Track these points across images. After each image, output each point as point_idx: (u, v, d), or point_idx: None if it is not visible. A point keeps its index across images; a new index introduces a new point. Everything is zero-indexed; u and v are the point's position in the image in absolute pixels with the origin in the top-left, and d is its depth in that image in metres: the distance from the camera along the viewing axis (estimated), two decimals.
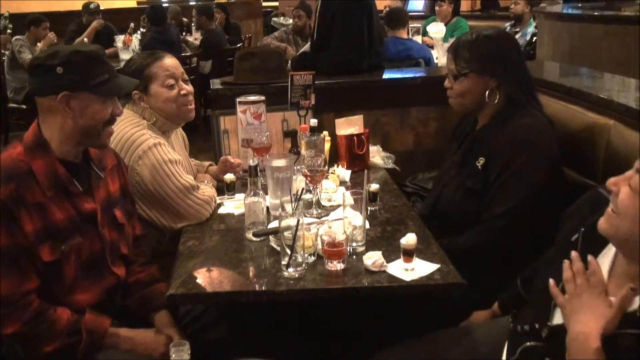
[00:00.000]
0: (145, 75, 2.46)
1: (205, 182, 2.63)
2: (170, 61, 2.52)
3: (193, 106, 2.58)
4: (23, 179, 1.85)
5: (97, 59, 1.95)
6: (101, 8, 8.80)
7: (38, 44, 7.04)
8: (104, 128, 1.97)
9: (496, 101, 2.34)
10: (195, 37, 8.43)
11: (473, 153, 2.35)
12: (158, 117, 2.49)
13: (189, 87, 2.55)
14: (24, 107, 6.77)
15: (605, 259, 1.54)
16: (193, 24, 8.69)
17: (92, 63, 1.92)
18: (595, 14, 5.55)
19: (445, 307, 2.08)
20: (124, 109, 2.42)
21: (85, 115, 1.92)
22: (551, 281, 1.52)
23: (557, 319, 1.56)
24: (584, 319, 1.42)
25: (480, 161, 2.30)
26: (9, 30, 7.32)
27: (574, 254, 1.50)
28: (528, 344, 1.62)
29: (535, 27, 6.56)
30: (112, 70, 2.00)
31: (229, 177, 2.60)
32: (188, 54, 7.30)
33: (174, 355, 1.31)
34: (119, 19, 8.74)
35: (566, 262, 1.50)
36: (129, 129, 2.37)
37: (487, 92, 2.33)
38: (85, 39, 7.40)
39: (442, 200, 2.44)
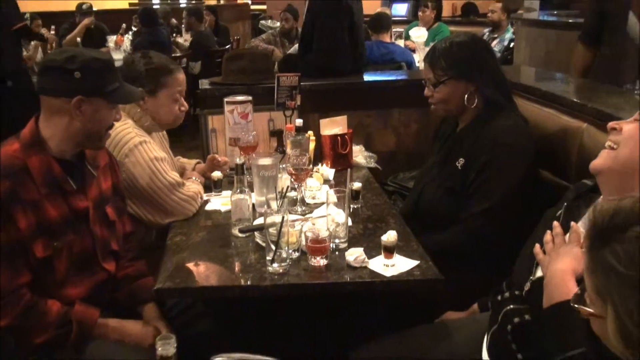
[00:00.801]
0: (161, 80, 2.44)
1: (193, 178, 2.61)
2: (183, 77, 2.53)
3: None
4: (19, 176, 1.84)
5: (112, 67, 1.97)
6: (94, 9, 8.72)
7: (32, 42, 6.94)
8: (106, 132, 2.00)
9: (475, 104, 2.34)
10: (185, 39, 8.40)
11: (453, 154, 2.35)
12: (149, 119, 2.47)
13: (186, 104, 2.56)
14: None
15: (583, 225, 1.61)
16: (183, 26, 8.65)
17: (107, 71, 1.94)
18: (570, 21, 5.58)
19: (424, 303, 2.08)
20: None
21: (94, 119, 1.93)
22: (537, 245, 1.61)
23: (539, 274, 1.62)
24: (560, 262, 1.49)
25: (460, 162, 2.30)
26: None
27: (555, 222, 1.60)
28: (509, 307, 1.66)
29: (513, 33, 6.59)
30: (121, 78, 2.02)
31: (216, 174, 2.59)
32: (178, 54, 7.27)
33: (160, 349, 1.30)
34: (111, 20, 8.66)
35: (548, 231, 1.59)
36: (116, 126, 2.35)
37: (466, 96, 2.33)
38: (78, 39, 7.33)
39: (423, 199, 2.44)
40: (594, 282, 0.96)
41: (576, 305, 1.03)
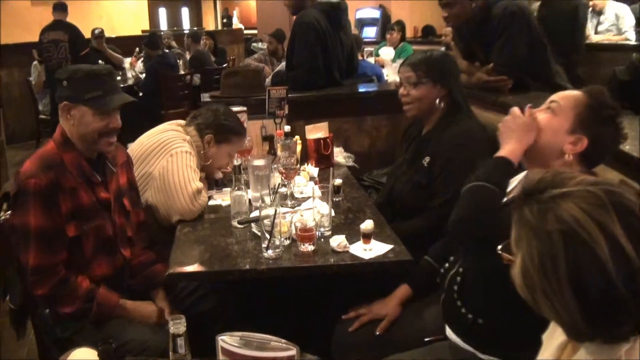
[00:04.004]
0: (229, 136, 2.44)
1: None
2: (244, 142, 2.56)
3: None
4: (59, 168, 1.85)
5: (95, 77, 1.89)
6: (114, 36, 8.68)
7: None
8: (99, 138, 1.90)
9: (441, 107, 2.31)
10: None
11: (420, 153, 2.31)
12: (200, 160, 2.42)
13: (231, 167, 2.47)
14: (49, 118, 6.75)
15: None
16: (185, 48, 8.66)
17: (88, 80, 1.87)
18: None
19: (397, 281, 2.04)
20: (191, 128, 2.43)
21: (82, 124, 1.88)
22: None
23: None
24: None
25: (426, 160, 2.26)
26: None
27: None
28: (451, 273, 1.70)
29: None
30: (109, 88, 1.91)
31: (218, 174, 2.54)
32: (182, 73, 7.24)
33: (172, 328, 1.25)
34: (127, 44, 8.62)
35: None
36: (175, 134, 2.38)
37: (438, 100, 2.29)
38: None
39: (395, 191, 2.40)
40: (515, 233, 0.99)
41: (500, 252, 1.05)
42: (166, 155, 2.26)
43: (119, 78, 6.79)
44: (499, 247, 1.05)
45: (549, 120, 1.56)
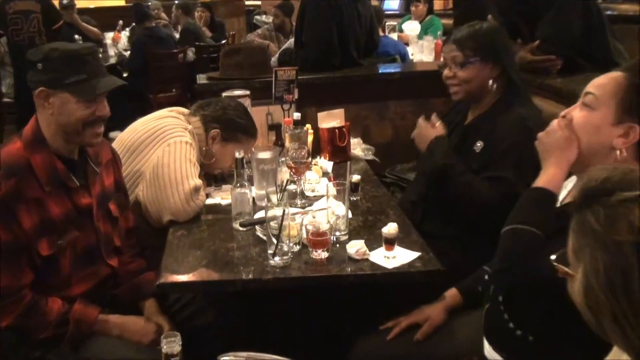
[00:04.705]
0: (237, 135, 2.45)
1: None
2: (254, 143, 2.54)
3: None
4: (23, 174, 1.80)
5: (76, 58, 1.83)
6: (92, 6, 8.66)
7: None
8: (84, 128, 1.86)
9: (495, 90, 2.28)
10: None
11: (469, 140, 2.28)
12: (201, 156, 2.42)
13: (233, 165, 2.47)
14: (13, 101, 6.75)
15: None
16: (173, 20, 8.64)
17: (68, 61, 1.82)
18: None
19: (425, 294, 2.03)
20: (195, 119, 2.42)
21: (63, 113, 1.83)
22: None
23: None
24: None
25: (478, 145, 2.23)
26: None
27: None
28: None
29: None
30: (94, 70, 1.86)
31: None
32: (176, 50, 7.23)
33: (165, 347, 1.25)
34: (109, 17, 8.63)
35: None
36: (175, 122, 2.37)
37: (490, 81, 2.26)
38: None
39: (434, 185, 2.33)
40: (574, 241, 0.97)
41: (555, 263, 1.03)
42: (162, 145, 2.25)
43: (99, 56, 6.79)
44: (553, 257, 1.02)
45: (587, 118, 1.51)
